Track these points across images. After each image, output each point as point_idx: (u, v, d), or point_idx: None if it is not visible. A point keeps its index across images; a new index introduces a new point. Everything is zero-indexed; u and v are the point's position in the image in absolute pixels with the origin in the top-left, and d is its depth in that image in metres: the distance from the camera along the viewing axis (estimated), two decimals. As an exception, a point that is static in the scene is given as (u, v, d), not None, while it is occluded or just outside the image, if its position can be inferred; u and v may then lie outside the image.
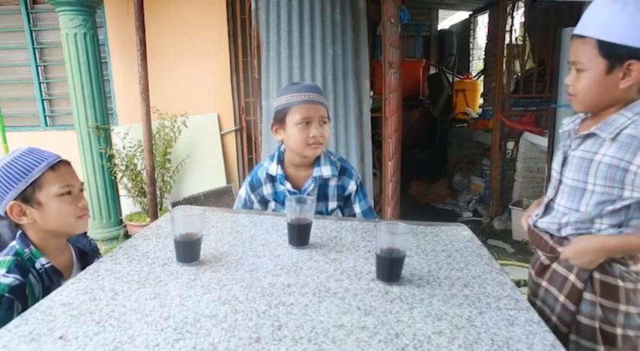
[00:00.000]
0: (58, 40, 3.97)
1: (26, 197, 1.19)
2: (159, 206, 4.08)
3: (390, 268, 1.09)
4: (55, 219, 1.22)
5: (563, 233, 1.28)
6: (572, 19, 4.14)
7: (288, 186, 1.63)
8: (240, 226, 1.49)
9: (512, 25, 4.67)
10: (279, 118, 1.59)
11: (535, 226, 1.40)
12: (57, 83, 4.56)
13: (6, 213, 1.19)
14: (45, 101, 4.59)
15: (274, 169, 1.64)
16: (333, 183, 1.67)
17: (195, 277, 1.09)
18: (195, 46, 4.28)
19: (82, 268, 1.33)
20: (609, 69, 1.14)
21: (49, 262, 1.21)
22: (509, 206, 4.49)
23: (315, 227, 1.44)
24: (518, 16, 5.49)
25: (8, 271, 1.12)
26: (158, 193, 4.08)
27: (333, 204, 1.69)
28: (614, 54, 1.12)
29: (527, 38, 4.92)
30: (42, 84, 4.54)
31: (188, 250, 1.16)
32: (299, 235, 1.31)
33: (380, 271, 1.11)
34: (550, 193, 1.35)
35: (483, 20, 7.89)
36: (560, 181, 1.31)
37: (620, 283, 1.19)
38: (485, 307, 0.98)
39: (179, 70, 4.32)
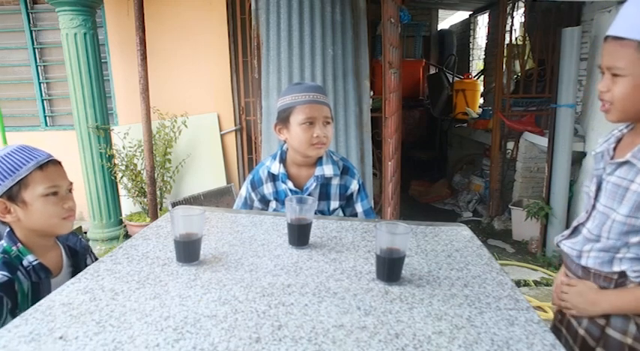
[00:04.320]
0: (58, 40, 3.97)
1: (12, 195, 1.19)
2: (159, 206, 4.08)
3: (390, 268, 1.09)
4: (39, 219, 1.21)
5: (583, 262, 1.20)
6: (572, 19, 4.15)
7: (290, 185, 1.64)
8: (240, 226, 1.49)
9: (512, 25, 4.67)
10: (283, 118, 1.59)
11: (558, 245, 1.33)
12: (57, 83, 4.56)
13: None
14: (45, 101, 4.59)
15: (276, 167, 1.65)
16: (335, 182, 1.67)
17: (195, 277, 1.09)
18: (195, 46, 4.28)
19: (73, 266, 1.33)
20: None
21: (36, 260, 1.21)
22: (509, 206, 4.49)
23: (315, 227, 1.44)
24: (518, 16, 5.49)
25: None
26: (158, 193, 4.08)
27: (335, 203, 1.69)
28: None
29: (527, 38, 4.92)
30: (42, 84, 4.54)
31: (188, 250, 1.16)
32: (299, 235, 1.31)
33: (380, 271, 1.11)
34: (582, 217, 1.25)
35: (483, 20, 7.89)
36: (593, 206, 1.20)
37: None
38: (485, 307, 0.98)
39: (179, 70, 4.32)
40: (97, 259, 1.45)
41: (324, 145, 1.57)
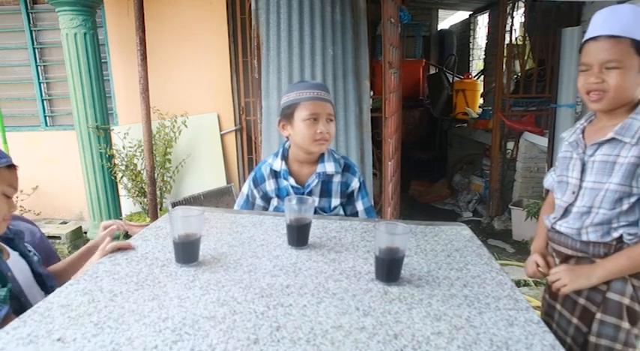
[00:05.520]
0: (58, 40, 3.97)
1: None
2: (159, 206, 4.08)
3: (389, 268, 1.09)
4: None
5: (584, 237, 1.33)
6: (572, 19, 4.14)
7: (292, 181, 1.65)
8: (240, 226, 1.49)
9: (512, 25, 4.67)
10: (287, 114, 1.62)
11: (552, 227, 1.45)
12: (57, 83, 4.56)
13: None
14: (45, 101, 4.59)
15: (278, 164, 1.66)
16: (336, 180, 1.69)
17: (194, 277, 1.09)
18: (196, 46, 4.28)
19: (17, 250, 1.33)
20: None
21: None
22: (509, 206, 4.48)
23: (315, 227, 1.44)
24: (518, 16, 5.48)
25: None
26: (158, 193, 4.08)
27: (336, 201, 1.70)
28: None
29: (527, 38, 4.92)
30: (42, 84, 4.54)
31: (187, 251, 1.16)
32: (298, 235, 1.31)
33: (379, 272, 1.11)
34: (569, 197, 1.38)
35: (483, 20, 7.88)
36: (580, 187, 1.35)
37: None
38: (484, 308, 0.98)
39: (179, 70, 4.32)
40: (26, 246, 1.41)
41: (326, 142, 1.60)
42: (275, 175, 1.70)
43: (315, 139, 1.57)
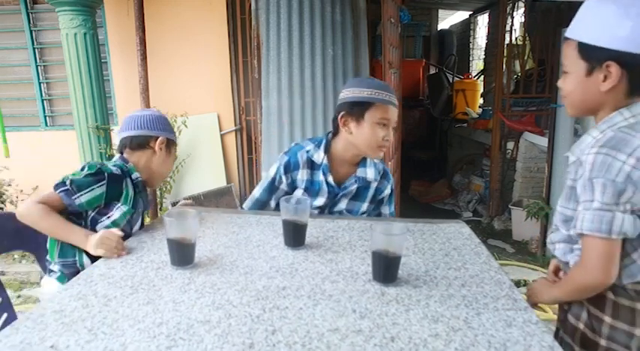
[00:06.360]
0: (58, 40, 3.96)
1: (169, 143, 1.63)
2: (159, 206, 4.07)
3: (386, 269, 1.09)
4: (162, 166, 1.63)
5: (556, 253, 1.26)
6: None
7: (330, 179, 1.59)
8: (236, 226, 1.48)
9: (512, 25, 4.66)
10: (356, 111, 1.51)
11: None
12: (57, 83, 4.55)
13: (148, 142, 1.57)
14: (45, 101, 4.58)
15: (320, 157, 1.59)
16: (373, 186, 1.65)
17: (189, 280, 1.08)
18: (195, 46, 4.27)
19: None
20: (589, 71, 1.11)
21: (139, 177, 1.57)
22: (509, 206, 4.47)
23: (312, 226, 1.43)
24: (518, 16, 5.47)
25: (114, 165, 1.50)
26: (158, 193, 4.07)
27: (366, 206, 1.67)
28: (592, 56, 1.09)
29: (527, 38, 4.91)
30: (42, 84, 4.54)
31: (182, 254, 1.15)
32: (294, 235, 1.30)
33: (376, 272, 1.10)
34: None
35: (483, 20, 7.86)
36: None
37: (611, 296, 1.10)
38: (482, 308, 0.97)
39: (179, 70, 4.31)
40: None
41: (386, 149, 1.56)
42: (312, 166, 1.61)
43: (379, 145, 1.51)
